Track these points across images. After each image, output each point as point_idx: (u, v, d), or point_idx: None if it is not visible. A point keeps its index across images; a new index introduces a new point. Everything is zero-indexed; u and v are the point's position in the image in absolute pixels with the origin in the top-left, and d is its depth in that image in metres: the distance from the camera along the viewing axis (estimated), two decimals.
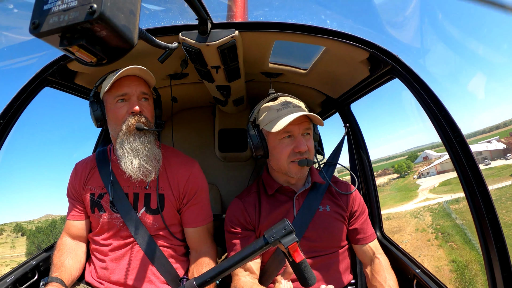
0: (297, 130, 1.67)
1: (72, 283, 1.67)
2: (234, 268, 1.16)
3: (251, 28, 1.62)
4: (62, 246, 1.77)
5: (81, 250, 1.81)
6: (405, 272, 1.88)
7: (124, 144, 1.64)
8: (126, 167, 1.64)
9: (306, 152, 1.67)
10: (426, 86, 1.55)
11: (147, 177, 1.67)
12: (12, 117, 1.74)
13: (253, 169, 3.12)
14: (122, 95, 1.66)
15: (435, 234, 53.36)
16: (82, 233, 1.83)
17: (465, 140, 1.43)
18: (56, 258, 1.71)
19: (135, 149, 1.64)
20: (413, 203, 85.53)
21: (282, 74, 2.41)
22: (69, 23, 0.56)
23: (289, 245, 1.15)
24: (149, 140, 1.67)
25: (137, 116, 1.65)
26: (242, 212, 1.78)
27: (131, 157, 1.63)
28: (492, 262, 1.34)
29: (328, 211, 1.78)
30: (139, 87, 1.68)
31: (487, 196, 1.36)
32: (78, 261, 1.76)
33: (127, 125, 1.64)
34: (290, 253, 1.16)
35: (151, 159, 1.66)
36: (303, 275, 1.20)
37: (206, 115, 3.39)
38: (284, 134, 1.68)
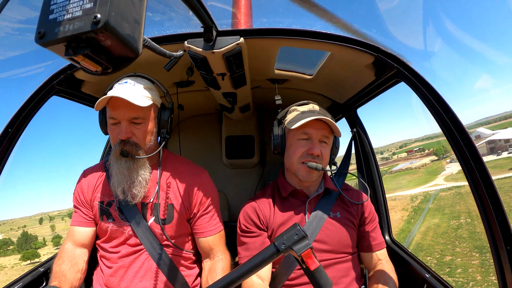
0: (315, 134, 1.73)
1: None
2: (243, 279, 1.09)
3: (256, 34, 1.63)
4: (63, 254, 1.75)
5: (82, 259, 1.77)
6: (415, 277, 1.86)
7: (114, 166, 1.68)
8: (113, 187, 1.70)
9: (318, 157, 1.71)
10: (432, 89, 1.53)
11: (133, 199, 1.69)
12: (20, 125, 1.75)
13: (260, 176, 3.11)
14: (112, 118, 1.66)
15: (409, 213, 66.75)
16: (86, 240, 1.81)
17: (472, 142, 1.42)
18: (56, 266, 1.69)
19: (122, 173, 1.66)
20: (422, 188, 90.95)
21: (288, 80, 2.40)
22: (74, 32, 0.56)
23: (302, 252, 1.08)
24: (136, 165, 1.68)
25: (122, 144, 1.65)
26: (256, 211, 1.81)
27: (118, 178, 1.67)
28: (503, 264, 1.32)
29: (339, 218, 1.79)
30: (128, 112, 1.62)
31: (496, 198, 1.34)
32: (79, 270, 1.72)
33: (114, 150, 1.67)
34: (303, 261, 1.09)
35: (137, 184, 1.68)
36: (319, 282, 1.14)
37: (213, 122, 3.40)
38: (302, 135, 1.74)
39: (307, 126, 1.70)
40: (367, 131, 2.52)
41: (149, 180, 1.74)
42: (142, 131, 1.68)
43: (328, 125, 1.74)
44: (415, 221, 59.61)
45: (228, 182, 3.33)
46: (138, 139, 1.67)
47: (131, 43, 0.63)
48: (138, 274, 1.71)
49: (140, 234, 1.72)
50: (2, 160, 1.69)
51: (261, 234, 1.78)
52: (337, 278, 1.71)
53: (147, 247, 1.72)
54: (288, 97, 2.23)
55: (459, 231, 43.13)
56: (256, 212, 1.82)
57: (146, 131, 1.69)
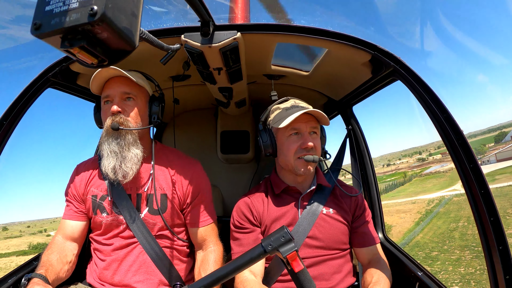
0: (304, 127, 1.74)
1: (57, 282, 1.63)
2: (229, 276, 1.13)
3: (253, 30, 1.62)
4: (53, 245, 1.74)
5: (72, 252, 1.76)
6: (407, 275, 1.87)
7: (104, 145, 1.69)
8: (104, 168, 1.68)
9: (312, 149, 1.73)
10: (428, 88, 1.54)
11: (124, 178, 1.68)
12: (15, 118, 1.74)
13: (255, 171, 3.11)
14: (106, 97, 1.72)
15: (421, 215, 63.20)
16: (77, 233, 1.80)
17: (467, 142, 1.43)
18: (44, 255, 1.68)
19: (112, 150, 1.66)
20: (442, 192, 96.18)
21: (284, 76, 2.40)
22: (70, 24, 0.56)
23: (287, 254, 1.12)
24: (127, 141, 1.68)
25: (113, 116, 1.67)
26: (249, 208, 1.82)
27: (109, 158, 1.67)
28: (495, 264, 1.33)
29: (332, 214, 1.80)
30: (120, 87, 1.71)
31: (489, 198, 1.35)
32: (67, 262, 1.71)
33: (105, 126, 1.69)
34: (288, 262, 1.13)
35: (128, 161, 1.68)
36: (302, 284, 1.18)
37: (208, 117, 3.39)
38: (292, 131, 1.75)
39: (295, 121, 1.71)
40: (364, 131, 2.53)
41: (142, 159, 1.74)
42: (133, 109, 1.73)
43: (314, 116, 1.76)
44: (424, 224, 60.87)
45: (222, 177, 3.33)
46: (130, 116, 1.71)
47: (128, 36, 0.63)
48: (131, 268, 1.71)
49: (134, 226, 1.72)
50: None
51: (254, 230, 1.79)
52: (330, 274, 1.72)
53: (140, 240, 1.72)
54: (284, 93, 2.23)
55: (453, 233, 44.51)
56: (249, 208, 1.82)
57: (137, 110, 1.74)
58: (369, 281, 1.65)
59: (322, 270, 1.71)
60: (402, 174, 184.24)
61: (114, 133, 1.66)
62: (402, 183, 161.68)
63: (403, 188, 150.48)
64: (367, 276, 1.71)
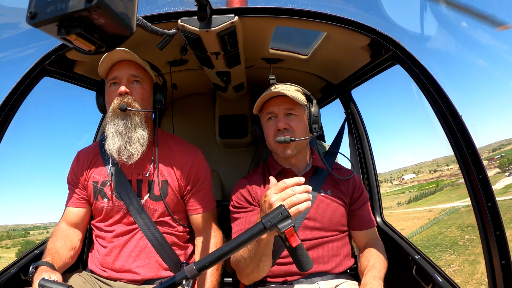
0: (278, 110, 1.76)
1: (64, 268, 1.65)
2: (232, 252, 1.17)
3: (251, 13, 1.60)
4: (57, 232, 1.77)
5: (77, 238, 1.79)
6: (405, 258, 1.90)
7: (110, 125, 1.68)
8: (108, 149, 1.68)
9: (286, 130, 1.73)
10: (427, 72, 1.54)
11: (129, 159, 1.68)
12: (12, 108, 1.73)
13: (253, 155, 3.12)
14: (113, 78, 1.72)
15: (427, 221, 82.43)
16: (80, 220, 1.82)
17: (466, 127, 1.43)
18: (50, 243, 1.70)
19: (118, 130, 1.66)
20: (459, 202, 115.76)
21: (282, 60, 2.39)
22: (66, 11, 0.55)
23: (285, 230, 1.15)
24: (133, 122, 1.68)
25: (121, 97, 1.67)
26: (248, 189, 1.84)
27: (114, 138, 1.66)
28: (491, 249, 1.35)
29: (330, 195, 1.81)
30: (129, 70, 1.72)
31: (487, 183, 1.36)
32: (72, 248, 1.73)
33: (112, 106, 1.68)
34: (286, 238, 1.17)
35: (134, 142, 1.68)
36: (300, 260, 1.22)
37: (206, 101, 3.38)
38: (268, 115, 1.79)
39: (268, 105, 1.77)
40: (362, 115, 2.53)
41: (147, 140, 1.74)
42: (140, 91, 1.74)
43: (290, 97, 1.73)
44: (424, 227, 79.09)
45: (221, 161, 3.34)
46: (136, 98, 1.71)
47: (125, 21, 0.62)
48: (132, 254, 1.73)
49: (134, 212, 1.74)
50: None
51: (253, 209, 1.80)
52: (328, 256, 1.74)
53: (140, 226, 1.74)
54: (282, 77, 2.22)
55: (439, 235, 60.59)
56: (247, 189, 1.84)
57: (143, 93, 1.76)
58: (365, 265, 1.67)
59: (320, 253, 1.73)
60: (438, 183, 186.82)
61: (121, 113, 1.66)
62: (433, 192, 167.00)
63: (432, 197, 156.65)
64: (363, 259, 1.73)
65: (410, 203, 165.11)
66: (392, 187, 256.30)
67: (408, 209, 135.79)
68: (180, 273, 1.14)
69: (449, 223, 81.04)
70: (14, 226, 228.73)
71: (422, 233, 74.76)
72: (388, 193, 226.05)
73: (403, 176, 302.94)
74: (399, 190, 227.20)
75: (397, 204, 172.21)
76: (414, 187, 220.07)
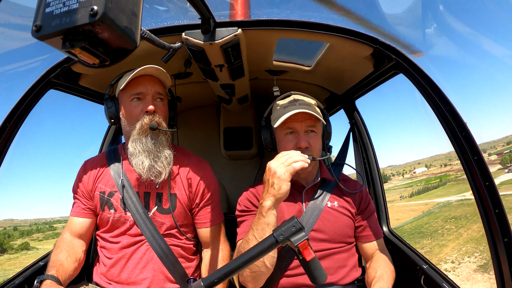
0: (299, 127, 1.72)
1: (68, 281, 1.63)
2: (242, 268, 1.14)
3: (254, 26, 1.62)
4: (61, 244, 1.75)
5: (80, 249, 1.77)
6: (413, 268, 1.87)
7: (137, 143, 1.67)
8: (136, 167, 1.68)
9: (307, 148, 1.70)
10: (431, 81, 1.53)
11: (157, 178, 1.68)
12: (18, 120, 1.74)
13: (259, 167, 3.11)
14: (137, 93, 1.70)
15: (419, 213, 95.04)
16: (84, 231, 1.81)
17: (471, 134, 1.42)
18: (54, 255, 1.68)
19: (147, 149, 1.66)
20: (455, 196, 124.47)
21: (286, 71, 2.40)
22: (71, 25, 0.56)
23: (299, 243, 1.12)
24: (161, 141, 1.70)
25: (151, 116, 1.67)
26: (255, 195, 1.83)
27: (142, 157, 1.66)
28: (499, 256, 1.33)
29: (336, 207, 1.79)
30: (154, 86, 1.71)
31: (494, 190, 1.35)
32: (76, 259, 1.71)
33: (141, 124, 1.67)
34: (300, 251, 1.14)
35: (162, 161, 1.68)
36: (313, 273, 1.19)
37: (211, 113, 3.39)
38: (287, 130, 1.74)
39: (290, 120, 1.69)
40: (365, 123, 2.52)
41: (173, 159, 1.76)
42: (163, 109, 1.75)
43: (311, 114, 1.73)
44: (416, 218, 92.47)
45: (226, 173, 3.33)
46: (162, 115, 1.72)
47: (129, 35, 0.63)
48: (138, 265, 1.72)
49: (142, 224, 1.73)
50: (0, 155, 1.68)
51: None
52: (335, 268, 1.72)
53: (147, 238, 1.73)
54: (286, 89, 2.22)
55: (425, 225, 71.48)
56: (255, 195, 1.84)
57: (165, 111, 1.77)
58: (373, 276, 1.65)
59: (327, 264, 1.71)
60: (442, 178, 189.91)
61: (150, 132, 1.67)
62: (436, 187, 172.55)
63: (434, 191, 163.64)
64: (371, 270, 1.71)
65: (412, 196, 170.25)
66: (403, 181, 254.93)
67: (408, 202, 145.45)
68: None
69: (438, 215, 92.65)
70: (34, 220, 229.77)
71: (413, 223, 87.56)
72: (397, 186, 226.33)
73: (414, 170, 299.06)
74: (407, 184, 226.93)
75: (400, 197, 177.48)
76: (422, 181, 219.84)
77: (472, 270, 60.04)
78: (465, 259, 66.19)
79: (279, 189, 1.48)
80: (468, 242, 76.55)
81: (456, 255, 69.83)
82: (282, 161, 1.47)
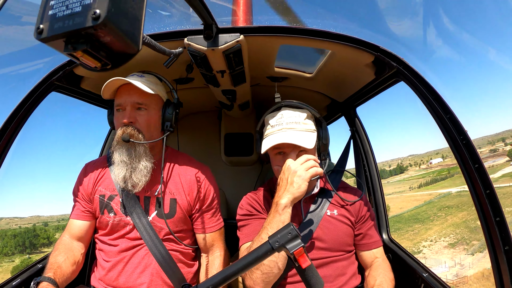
0: (288, 150, 1.67)
1: (66, 283, 1.62)
2: (237, 275, 1.13)
3: (256, 32, 1.62)
4: (60, 246, 1.74)
5: (79, 251, 1.77)
6: (413, 276, 1.86)
7: (116, 153, 1.68)
8: (114, 176, 1.70)
9: None
10: (432, 89, 1.54)
11: (134, 188, 1.68)
12: (19, 121, 1.75)
13: (259, 173, 3.11)
14: (118, 105, 1.71)
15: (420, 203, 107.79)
16: (83, 233, 1.80)
17: (471, 142, 1.42)
18: (52, 257, 1.68)
19: (123, 160, 1.66)
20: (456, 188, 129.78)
21: (287, 78, 2.40)
22: (73, 28, 0.56)
23: (294, 251, 1.11)
24: (137, 153, 1.68)
25: (124, 128, 1.66)
26: (256, 201, 1.83)
27: (119, 167, 1.67)
28: (500, 265, 1.32)
29: (336, 215, 1.78)
30: (132, 97, 1.68)
31: (494, 198, 1.34)
32: (75, 262, 1.71)
33: (116, 136, 1.68)
34: (296, 259, 1.13)
35: (138, 172, 1.68)
36: (309, 281, 1.17)
37: (212, 119, 3.40)
38: (276, 150, 1.70)
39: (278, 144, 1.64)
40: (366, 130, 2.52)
41: (151, 170, 1.73)
42: (145, 118, 1.70)
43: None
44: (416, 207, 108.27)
45: (226, 179, 3.33)
46: (141, 126, 1.69)
47: (131, 39, 0.63)
48: (137, 270, 1.71)
49: (141, 228, 1.72)
50: (0, 157, 1.68)
51: (261, 217, 1.78)
52: (334, 276, 1.71)
53: (146, 242, 1.72)
54: (287, 95, 2.23)
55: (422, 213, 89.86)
56: (256, 200, 1.83)
57: (149, 119, 1.72)
58: (372, 284, 1.64)
59: (326, 272, 1.70)
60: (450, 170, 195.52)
61: (125, 144, 1.66)
62: (443, 178, 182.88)
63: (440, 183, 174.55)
64: (370, 279, 1.70)
65: (420, 187, 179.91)
66: (419, 171, 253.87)
67: (416, 193, 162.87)
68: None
69: (436, 204, 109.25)
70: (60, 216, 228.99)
71: (412, 211, 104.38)
72: (412, 177, 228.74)
73: (431, 160, 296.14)
74: (421, 175, 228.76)
75: (409, 188, 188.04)
76: (435, 172, 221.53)
77: (442, 247, 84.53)
78: (441, 239, 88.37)
79: (298, 188, 1.49)
80: (449, 226, 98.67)
81: (435, 236, 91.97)
82: (302, 161, 1.55)
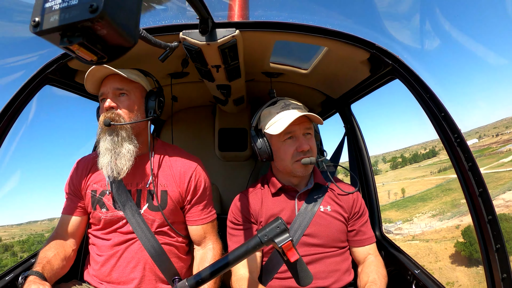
0: (298, 130, 1.72)
1: (55, 278, 1.61)
2: (227, 268, 1.14)
3: (252, 27, 1.62)
4: (51, 241, 1.73)
5: (71, 247, 1.76)
6: (405, 273, 1.88)
7: (100, 143, 1.69)
8: (100, 165, 1.69)
9: (309, 151, 1.72)
10: (426, 87, 1.55)
11: (119, 174, 1.67)
12: (13, 115, 1.73)
13: (252, 169, 3.12)
14: (101, 95, 1.74)
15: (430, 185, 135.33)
16: (75, 229, 1.80)
17: (465, 141, 1.43)
18: (42, 252, 1.66)
19: (107, 148, 1.66)
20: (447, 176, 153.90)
21: (282, 74, 2.40)
22: (70, 21, 0.56)
23: (282, 244, 1.12)
24: (120, 137, 1.67)
25: (106, 112, 1.67)
26: (246, 205, 1.83)
27: (103, 156, 1.67)
28: (491, 263, 1.34)
29: (329, 211, 1.79)
30: (113, 84, 1.71)
31: (487, 197, 1.36)
32: (65, 257, 1.69)
33: (99, 122, 1.69)
34: (284, 252, 1.14)
35: (122, 157, 1.67)
36: (298, 274, 1.19)
37: (206, 114, 3.39)
38: (286, 135, 1.73)
39: (289, 125, 1.67)
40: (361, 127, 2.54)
41: (135, 154, 1.72)
42: (126, 104, 1.72)
43: (306, 116, 1.73)
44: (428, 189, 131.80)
45: (220, 174, 3.33)
46: (123, 112, 1.70)
47: (127, 32, 0.62)
48: (129, 264, 1.71)
49: (133, 222, 1.72)
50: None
51: (250, 227, 1.80)
52: (327, 272, 1.72)
53: (139, 236, 1.72)
54: (282, 91, 2.23)
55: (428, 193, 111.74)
56: (246, 205, 1.84)
57: (130, 105, 1.73)
58: (365, 281, 1.66)
59: (319, 268, 1.71)
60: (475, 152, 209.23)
61: (108, 129, 1.66)
62: None
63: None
64: (363, 275, 1.71)
65: (440, 172, 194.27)
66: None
67: (434, 177, 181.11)
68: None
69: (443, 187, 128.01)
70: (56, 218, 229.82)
71: (422, 193, 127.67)
72: (442, 160, 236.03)
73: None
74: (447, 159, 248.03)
75: (430, 172, 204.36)
76: None
77: (427, 217, 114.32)
78: (429, 212, 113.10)
79: None
80: (440, 204, 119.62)
81: (426, 210, 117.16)
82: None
